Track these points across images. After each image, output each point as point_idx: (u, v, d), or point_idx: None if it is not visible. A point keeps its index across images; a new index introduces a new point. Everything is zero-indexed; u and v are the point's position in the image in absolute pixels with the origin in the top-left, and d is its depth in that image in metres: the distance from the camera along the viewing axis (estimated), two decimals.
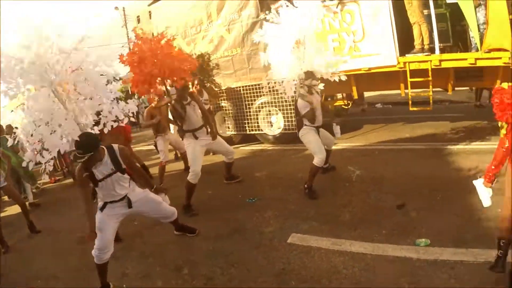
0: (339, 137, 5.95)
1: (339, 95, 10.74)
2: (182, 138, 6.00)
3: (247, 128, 9.30)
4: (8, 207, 7.15)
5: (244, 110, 9.22)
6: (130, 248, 4.71)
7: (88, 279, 4.05)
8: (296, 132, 5.81)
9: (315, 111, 5.43)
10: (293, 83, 5.88)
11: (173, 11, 9.79)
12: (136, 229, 5.23)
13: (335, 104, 10.32)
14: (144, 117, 7.38)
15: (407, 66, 7.27)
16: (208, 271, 3.91)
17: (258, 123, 9.10)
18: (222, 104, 9.61)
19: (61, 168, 9.90)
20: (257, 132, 9.22)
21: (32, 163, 3.87)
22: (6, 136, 6.47)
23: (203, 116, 5.87)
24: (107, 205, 3.81)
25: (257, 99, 8.94)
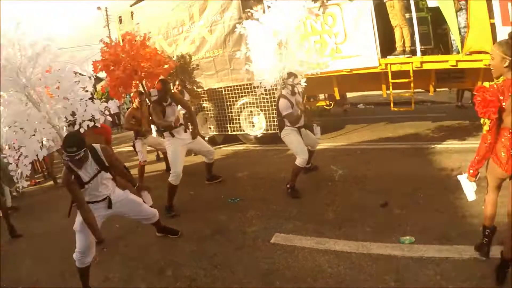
0: (319, 137, 5.95)
1: (321, 96, 10.79)
2: (162, 137, 5.92)
3: (229, 128, 9.27)
4: None
5: (226, 110, 9.19)
6: (112, 251, 4.60)
7: (71, 284, 3.95)
8: (278, 132, 5.79)
9: (296, 113, 5.42)
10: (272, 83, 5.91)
11: (155, 12, 9.68)
12: (118, 232, 5.11)
13: (317, 104, 10.36)
14: (125, 118, 7.28)
15: (388, 67, 7.35)
16: (192, 272, 3.84)
17: (240, 123, 9.08)
18: (204, 105, 9.57)
19: (41, 170, 9.68)
20: (239, 132, 9.19)
21: (12, 165, 3.81)
22: None
23: (188, 114, 5.81)
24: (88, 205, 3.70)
25: (239, 99, 8.92)
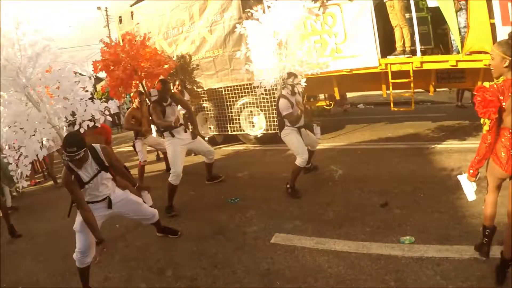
0: (319, 137, 5.95)
1: (321, 96, 10.79)
2: (162, 137, 5.91)
3: (229, 128, 9.27)
4: None
5: (226, 110, 9.19)
6: (112, 251, 4.59)
7: (71, 284, 3.96)
8: (278, 132, 5.79)
9: (296, 113, 5.42)
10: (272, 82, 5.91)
11: (156, 12, 9.68)
12: (118, 232, 5.11)
13: (317, 104, 10.36)
14: (125, 118, 7.28)
15: (388, 67, 7.36)
16: (192, 272, 3.84)
17: (240, 123, 9.08)
18: (204, 105, 9.57)
19: (41, 170, 9.67)
20: (239, 132, 9.20)
21: (12, 165, 3.84)
22: None
23: (188, 114, 5.80)
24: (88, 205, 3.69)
25: (239, 99, 8.92)
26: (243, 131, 9.12)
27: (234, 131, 9.22)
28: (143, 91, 7.84)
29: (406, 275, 3.27)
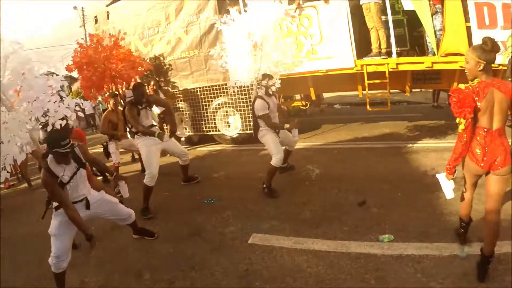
0: (297, 138, 5.94)
1: (297, 96, 10.82)
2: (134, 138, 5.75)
3: (204, 129, 9.18)
4: None
5: (201, 111, 9.11)
6: (87, 254, 4.43)
7: None
8: (253, 133, 5.75)
9: (271, 114, 5.41)
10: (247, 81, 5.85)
11: (131, 12, 9.51)
12: (93, 234, 4.93)
13: (293, 104, 10.39)
14: (101, 122, 7.10)
15: (364, 68, 7.44)
16: (170, 275, 3.73)
17: (215, 124, 9.00)
18: (179, 106, 9.45)
19: (15, 172, 9.31)
20: (215, 133, 9.12)
21: None
22: None
23: (167, 112, 5.74)
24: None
25: (214, 100, 8.85)
26: (219, 131, 9.05)
27: (209, 131, 9.13)
28: (117, 93, 7.65)
29: (386, 273, 3.27)
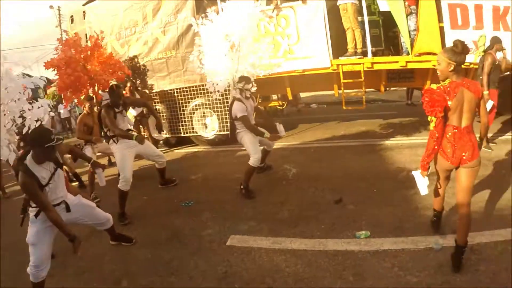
0: (284, 134, 5.93)
1: (274, 96, 10.85)
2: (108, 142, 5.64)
3: (181, 130, 9.10)
4: None
5: (178, 112, 9.03)
6: (65, 263, 4.27)
7: None
8: (229, 135, 5.74)
9: (249, 117, 5.42)
10: (225, 85, 5.82)
11: (108, 12, 9.36)
12: (69, 243, 4.82)
13: (270, 104, 10.40)
14: (76, 126, 6.94)
15: (340, 68, 7.52)
16: (148, 281, 3.67)
17: (192, 125, 8.94)
18: (156, 107, 9.31)
19: None
20: (192, 134, 9.06)
21: None
22: None
23: (148, 109, 5.93)
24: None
25: (192, 101, 8.80)
26: (196, 132, 8.99)
27: (186, 133, 9.06)
28: (92, 96, 7.49)
29: (364, 269, 3.31)
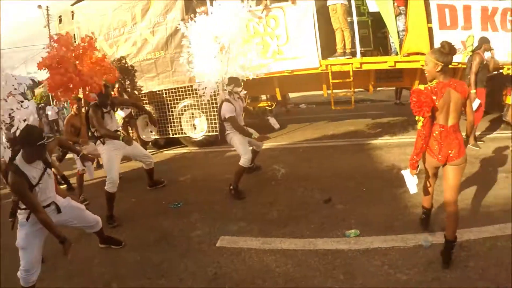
0: (278, 127, 5.92)
1: (263, 97, 10.84)
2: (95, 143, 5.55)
3: (170, 132, 9.04)
4: None
5: (167, 113, 8.97)
6: (54, 267, 4.20)
7: None
8: (218, 135, 5.72)
9: (238, 117, 5.42)
10: (214, 87, 5.80)
11: (97, 12, 9.27)
12: (58, 247, 4.75)
13: (259, 105, 10.40)
14: (64, 127, 6.84)
15: (329, 68, 7.55)
16: (137, 284, 3.62)
17: (181, 126, 8.89)
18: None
19: None
20: (181, 135, 9.00)
21: None
22: None
23: (138, 108, 5.68)
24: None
25: (180, 102, 8.75)
26: (185, 133, 8.94)
27: (175, 134, 9.00)
28: (80, 97, 7.39)
29: (354, 268, 3.32)
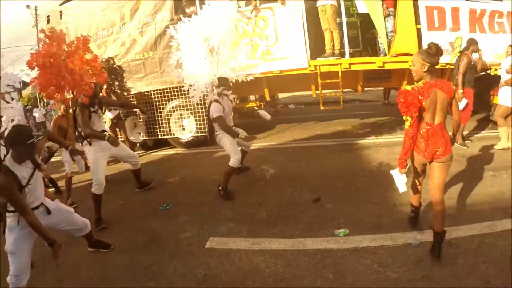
0: (270, 118, 5.95)
1: (252, 97, 10.84)
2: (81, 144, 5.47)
3: (159, 133, 8.96)
4: None
5: (155, 114, 8.87)
6: (43, 272, 4.12)
7: None
8: (208, 136, 5.71)
9: (226, 118, 5.41)
10: (204, 91, 5.79)
11: (85, 12, 9.15)
12: (47, 251, 4.68)
13: (247, 105, 10.38)
14: (51, 128, 6.75)
15: (318, 69, 7.58)
16: (127, 287, 3.59)
17: (169, 127, 8.84)
18: (133, 109, 9.16)
19: None
20: (169, 136, 8.95)
21: None
22: None
23: (127, 106, 6.31)
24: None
25: (169, 102, 8.69)
26: (173, 134, 8.89)
27: (164, 135, 8.93)
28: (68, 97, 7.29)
29: (343, 267, 3.33)
